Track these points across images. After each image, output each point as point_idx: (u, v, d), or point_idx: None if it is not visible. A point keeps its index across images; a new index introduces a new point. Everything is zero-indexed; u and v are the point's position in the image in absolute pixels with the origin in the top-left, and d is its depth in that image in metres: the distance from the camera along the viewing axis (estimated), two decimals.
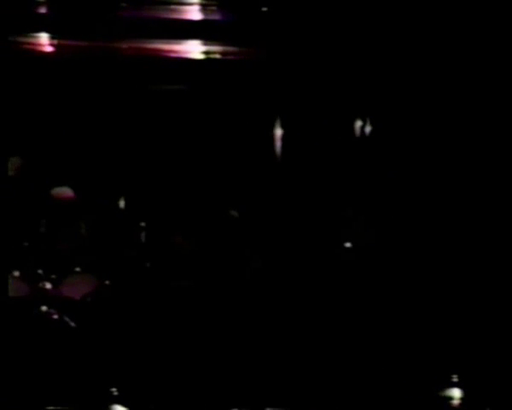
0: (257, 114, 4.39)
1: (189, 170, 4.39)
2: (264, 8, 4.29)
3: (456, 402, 4.18)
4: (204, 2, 4.33)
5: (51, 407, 3.98)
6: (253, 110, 4.39)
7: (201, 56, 4.45)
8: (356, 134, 4.37)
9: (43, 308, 4.23)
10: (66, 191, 4.40)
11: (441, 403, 4.16)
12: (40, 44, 4.37)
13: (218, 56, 4.44)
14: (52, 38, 4.36)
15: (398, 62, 4.28)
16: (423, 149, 4.34)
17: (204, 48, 4.44)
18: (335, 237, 4.35)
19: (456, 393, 4.19)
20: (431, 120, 4.33)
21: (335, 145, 4.38)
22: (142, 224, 4.35)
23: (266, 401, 4.03)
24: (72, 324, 4.24)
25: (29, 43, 4.37)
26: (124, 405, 4.04)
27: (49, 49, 4.39)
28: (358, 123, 4.36)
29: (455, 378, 4.21)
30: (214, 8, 4.33)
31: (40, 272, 4.30)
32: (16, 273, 4.26)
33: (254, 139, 4.39)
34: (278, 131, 4.37)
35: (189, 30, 4.40)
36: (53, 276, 4.30)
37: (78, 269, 4.34)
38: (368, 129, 4.37)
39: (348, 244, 4.36)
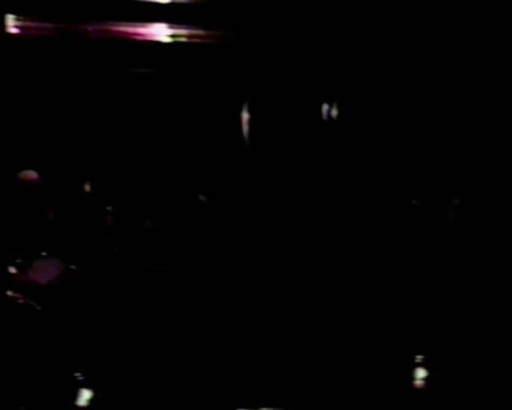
0: (225, 98, 4.39)
1: (157, 154, 4.38)
2: None
3: (420, 382, 4.23)
4: None
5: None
6: (221, 94, 4.39)
7: (168, 40, 4.43)
8: (323, 117, 4.40)
9: (9, 293, 4.18)
10: (31, 174, 4.34)
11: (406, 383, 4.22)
12: (5, 26, 4.31)
13: (184, 40, 4.43)
14: (17, 19, 4.30)
15: (365, 47, 4.33)
16: (388, 133, 4.40)
17: (170, 31, 4.43)
18: (304, 217, 4.39)
19: (420, 373, 4.24)
20: (395, 105, 4.39)
21: (303, 128, 4.41)
22: (109, 208, 4.33)
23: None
24: (38, 308, 4.19)
25: None
26: (89, 389, 4.01)
27: (14, 30, 4.33)
28: (325, 106, 4.40)
29: (419, 359, 4.26)
30: None
31: None
32: None
33: (222, 123, 4.39)
34: (246, 115, 4.38)
35: (155, 13, 4.38)
36: (18, 260, 4.24)
37: (44, 254, 4.28)
38: (334, 112, 4.41)
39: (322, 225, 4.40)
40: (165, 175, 4.40)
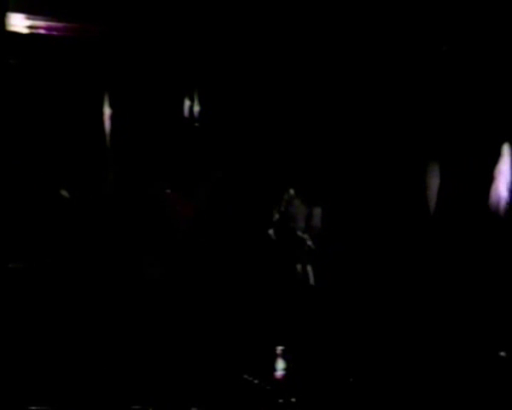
0: (86, 93, 4.33)
1: (15, 148, 4.24)
2: None
3: (280, 373, 4.31)
4: None
5: None
6: (81, 88, 4.32)
7: (26, 31, 4.32)
8: (185, 114, 4.43)
9: None
10: None
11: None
12: None
13: (42, 31, 4.33)
14: None
15: (227, 44, 4.40)
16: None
17: (28, 22, 4.32)
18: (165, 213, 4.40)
19: (280, 364, 4.33)
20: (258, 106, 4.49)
21: (165, 123, 4.42)
22: None
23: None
24: None
25: None
26: None
27: None
28: (187, 103, 4.43)
29: (280, 350, 4.34)
30: None
31: None
32: None
33: (83, 117, 4.33)
34: (108, 110, 4.34)
35: (13, 3, 4.26)
36: None
37: None
38: (197, 109, 4.45)
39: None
40: (26, 170, 4.27)
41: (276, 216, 4.47)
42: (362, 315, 4.38)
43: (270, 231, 4.46)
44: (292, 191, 4.46)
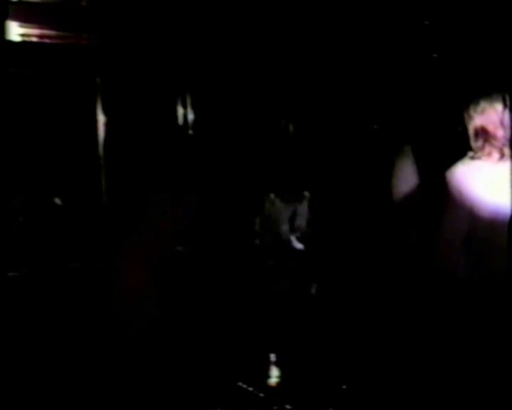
0: (78, 100, 4.34)
1: (7, 156, 4.24)
2: None
3: (274, 380, 4.31)
4: None
5: None
6: (74, 96, 4.33)
7: (18, 38, 4.33)
8: (178, 121, 4.45)
9: None
10: None
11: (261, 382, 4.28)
12: None
13: (34, 39, 4.35)
14: None
15: (219, 51, 4.44)
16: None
17: (21, 30, 4.33)
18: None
19: (274, 371, 4.33)
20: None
21: (159, 131, 4.44)
22: None
23: None
24: None
25: None
26: None
27: None
28: (181, 110, 4.46)
29: (273, 358, 4.34)
30: None
31: None
32: None
33: (76, 125, 4.33)
34: (101, 118, 4.35)
35: (5, 11, 4.27)
36: None
37: None
38: (191, 117, 4.47)
39: None
40: (20, 178, 4.27)
41: (259, 222, 4.48)
42: (354, 318, 4.39)
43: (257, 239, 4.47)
44: (272, 195, 4.48)
